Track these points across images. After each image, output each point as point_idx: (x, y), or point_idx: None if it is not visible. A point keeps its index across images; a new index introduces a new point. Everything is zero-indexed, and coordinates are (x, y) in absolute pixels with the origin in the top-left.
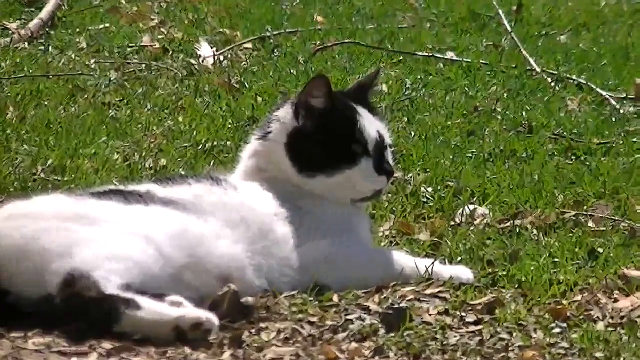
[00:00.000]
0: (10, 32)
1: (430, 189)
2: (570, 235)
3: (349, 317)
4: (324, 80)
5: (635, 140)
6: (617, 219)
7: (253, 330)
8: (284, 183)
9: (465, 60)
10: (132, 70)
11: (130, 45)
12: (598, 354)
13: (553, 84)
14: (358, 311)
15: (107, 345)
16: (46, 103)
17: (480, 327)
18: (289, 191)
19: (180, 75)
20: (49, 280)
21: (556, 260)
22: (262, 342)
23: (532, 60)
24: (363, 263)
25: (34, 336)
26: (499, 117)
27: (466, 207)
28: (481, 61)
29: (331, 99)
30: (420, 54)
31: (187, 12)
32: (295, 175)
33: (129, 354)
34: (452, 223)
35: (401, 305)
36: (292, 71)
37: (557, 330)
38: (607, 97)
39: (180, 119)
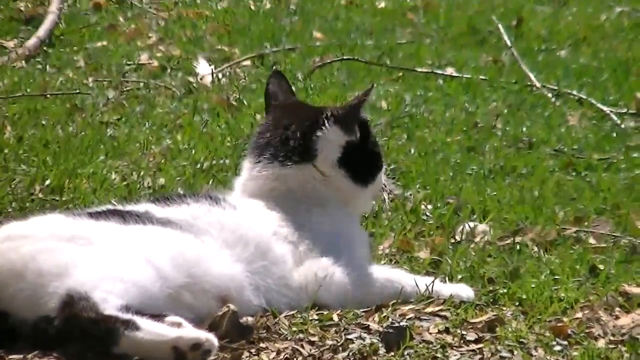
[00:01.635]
0: (7, 50)
1: (430, 206)
2: (571, 251)
3: (349, 337)
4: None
5: (635, 155)
6: (617, 235)
7: (252, 350)
8: (293, 200)
9: (464, 75)
10: (130, 88)
11: (128, 63)
12: None
13: (553, 99)
14: (358, 330)
15: None
16: (44, 122)
17: (480, 345)
18: (296, 208)
19: (179, 93)
20: (46, 301)
21: (557, 277)
22: None
23: (531, 75)
24: (362, 281)
25: (33, 358)
26: (499, 133)
27: (466, 224)
28: (481, 76)
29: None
30: (420, 69)
31: (185, 29)
32: (350, 186)
33: None
34: (452, 240)
35: (401, 323)
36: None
37: (558, 347)
38: (608, 112)
39: (179, 137)
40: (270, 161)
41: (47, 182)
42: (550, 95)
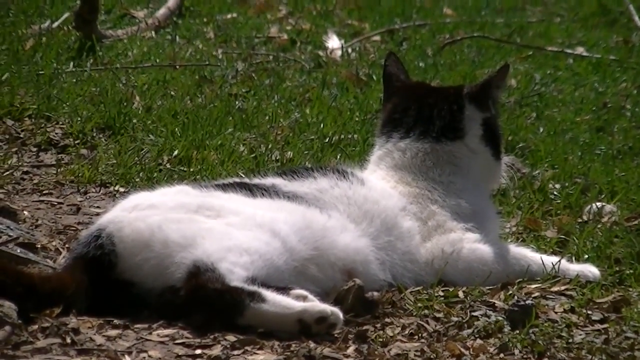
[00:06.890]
0: (137, 20)
1: (557, 185)
2: None
3: (474, 314)
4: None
5: None
6: None
7: (378, 325)
8: (437, 174)
9: (594, 55)
10: (259, 61)
11: (258, 35)
12: None
13: None
14: (483, 307)
15: (231, 337)
16: (172, 93)
17: (606, 325)
18: (438, 182)
19: (308, 67)
20: (172, 272)
21: None
22: (386, 337)
23: None
24: (489, 259)
25: (158, 327)
26: (628, 114)
27: (594, 204)
28: (611, 57)
29: None
30: (550, 48)
31: (315, 3)
32: (492, 162)
33: (253, 347)
34: (580, 220)
35: (527, 302)
36: (420, 64)
37: None
38: None
39: (307, 111)
40: (422, 136)
41: (175, 152)
42: None
